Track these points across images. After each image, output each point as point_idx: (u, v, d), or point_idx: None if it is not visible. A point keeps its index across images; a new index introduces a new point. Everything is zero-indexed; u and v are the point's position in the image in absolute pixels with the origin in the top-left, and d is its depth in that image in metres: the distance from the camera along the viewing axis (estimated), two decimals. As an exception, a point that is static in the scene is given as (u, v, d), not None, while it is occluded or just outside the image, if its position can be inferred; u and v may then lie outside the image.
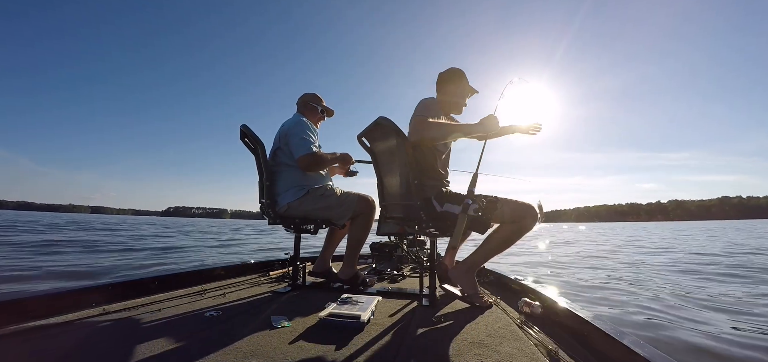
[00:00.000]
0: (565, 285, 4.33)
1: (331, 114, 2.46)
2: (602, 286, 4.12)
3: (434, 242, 1.95)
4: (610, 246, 10.76)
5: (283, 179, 2.13)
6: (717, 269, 5.39)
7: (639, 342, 1.06)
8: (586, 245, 11.79)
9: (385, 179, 2.01)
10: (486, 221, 1.67)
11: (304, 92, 2.38)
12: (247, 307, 1.69)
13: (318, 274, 2.36)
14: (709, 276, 4.77)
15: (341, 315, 1.42)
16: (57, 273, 4.68)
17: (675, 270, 5.36)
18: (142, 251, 7.98)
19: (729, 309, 3.00)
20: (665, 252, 8.47)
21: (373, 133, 1.84)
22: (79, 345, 1.19)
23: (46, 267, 4.96)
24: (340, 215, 2.14)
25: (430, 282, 1.84)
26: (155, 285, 1.93)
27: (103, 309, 1.54)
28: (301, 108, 2.34)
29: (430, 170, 1.85)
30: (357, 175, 2.56)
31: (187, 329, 1.34)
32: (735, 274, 4.89)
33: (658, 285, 4.16)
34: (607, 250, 9.35)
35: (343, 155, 2.32)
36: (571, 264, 6.49)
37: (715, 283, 4.29)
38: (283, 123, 2.24)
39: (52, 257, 6.13)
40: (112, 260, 6.16)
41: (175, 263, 6.39)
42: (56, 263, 5.53)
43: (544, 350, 1.20)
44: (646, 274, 5.01)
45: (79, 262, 5.73)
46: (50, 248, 7.43)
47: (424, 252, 3.06)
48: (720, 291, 3.80)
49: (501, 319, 1.53)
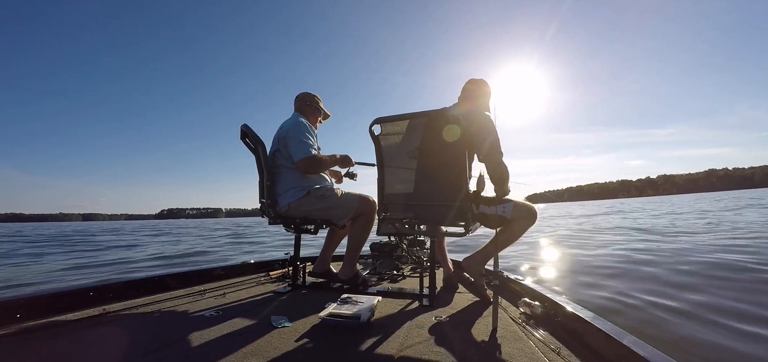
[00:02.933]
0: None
1: (328, 116, 2.45)
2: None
3: (434, 243, 1.95)
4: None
5: (284, 180, 2.12)
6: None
7: (639, 342, 1.06)
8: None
9: (433, 173, 1.87)
10: (501, 219, 1.87)
11: (303, 91, 2.34)
12: (247, 307, 1.69)
13: (318, 274, 2.36)
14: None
15: (341, 315, 1.42)
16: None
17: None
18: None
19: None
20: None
21: (434, 123, 1.76)
22: (79, 345, 1.19)
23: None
24: (340, 216, 2.13)
25: (430, 282, 1.84)
26: (155, 285, 1.93)
27: (103, 309, 1.54)
28: (300, 107, 2.31)
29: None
30: (356, 178, 2.52)
31: (187, 329, 1.34)
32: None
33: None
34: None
35: (342, 157, 2.28)
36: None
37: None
38: (282, 124, 2.22)
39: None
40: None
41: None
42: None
43: (544, 350, 1.20)
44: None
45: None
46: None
47: (424, 252, 3.05)
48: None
49: (501, 319, 1.52)
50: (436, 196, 1.82)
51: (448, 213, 1.79)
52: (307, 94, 2.34)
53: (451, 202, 1.77)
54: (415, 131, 1.83)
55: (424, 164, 1.84)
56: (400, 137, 1.87)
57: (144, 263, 6.69)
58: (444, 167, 1.79)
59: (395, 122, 1.82)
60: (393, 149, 1.90)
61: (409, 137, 1.85)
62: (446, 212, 1.80)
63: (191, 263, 6.73)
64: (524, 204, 1.89)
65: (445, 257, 2.35)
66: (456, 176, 1.76)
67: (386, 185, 1.96)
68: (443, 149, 1.77)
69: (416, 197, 1.87)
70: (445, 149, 1.76)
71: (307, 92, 2.35)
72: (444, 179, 1.80)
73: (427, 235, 1.95)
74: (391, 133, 1.87)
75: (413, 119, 1.79)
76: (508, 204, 1.88)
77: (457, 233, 1.82)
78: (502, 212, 1.86)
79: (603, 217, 15.31)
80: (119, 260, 7.14)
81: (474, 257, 1.98)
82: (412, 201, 1.89)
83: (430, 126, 1.77)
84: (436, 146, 1.78)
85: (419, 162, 1.85)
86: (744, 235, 6.30)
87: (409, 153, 1.84)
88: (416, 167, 1.86)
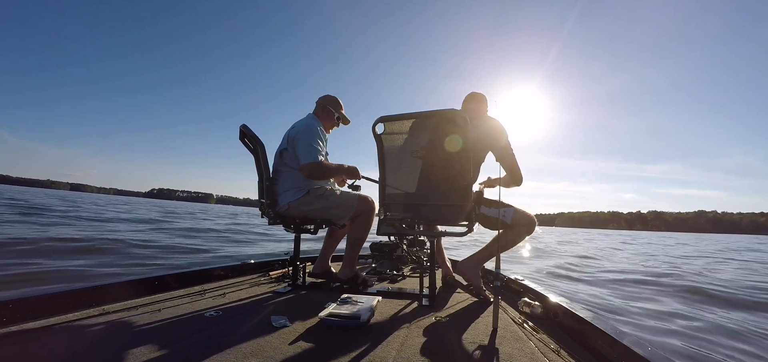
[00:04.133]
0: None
1: (347, 123, 2.40)
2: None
3: (434, 243, 1.95)
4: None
5: (284, 180, 2.12)
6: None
7: (639, 342, 1.06)
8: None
9: (439, 173, 1.85)
10: (502, 223, 1.89)
11: (326, 94, 2.31)
12: (247, 307, 1.69)
13: (318, 274, 2.36)
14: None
15: (341, 315, 1.42)
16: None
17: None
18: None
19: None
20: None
21: (443, 125, 1.76)
22: (80, 345, 1.18)
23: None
24: (340, 215, 2.13)
25: (430, 282, 1.84)
26: (155, 285, 1.93)
27: (103, 309, 1.54)
28: (318, 110, 2.28)
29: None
30: (360, 190, 2.37)
31: (187, 329, 1.34)
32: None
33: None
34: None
35: (350, 168, 2.19)
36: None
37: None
38: (295, 123, 2.19)
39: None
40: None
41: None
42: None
43: (544, 350, 1.20)
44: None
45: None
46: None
47: (424, 252, 3.06)
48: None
49: (501, 319, 1.52)
50: (440, 196, 1.81)
51: (452, 213, 1.79)
52: (328, 97, 2.30)
53: (455, 202, 1.77)
54: (421, 131, 1.81)
55: (430, 164, 1.82)
56: (404, 137, 1.86)
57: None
58: (451, 167, 1.78)
59: (399, 121, 1.80)
60: (396, 149, 1.89)
61: (413, 136, 1.84)
62: (450, 212, 1.79)
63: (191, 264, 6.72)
64: (524, 213, 1.92)
65: (444, 257, 2.36)
66: (462, 177, 1.75)
67: (388, 184, 1.96)
68: (452, 150, 1.76)
69: (418, 197, 1.86)
70: (454, 150, 1.75)
71: (329, 95, 2.31)
72: (450, 179, 1.79)
73: (428, 235, 1.95)
74: (394, 132, 1.86)
75: (418, 119, 1.78)
76: (509, 209, 1.90)
77: (458, 233, 1.81)
78: (503, 216, 1.88)
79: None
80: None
81: (470, 261, 2.00)
82: (414, 201, 1.88)
83: (439, 127, 1.76)
84: (444, 147, 1.77)
85: (424, 162, 1.82)
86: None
87: (412, 153, 1.83)
88: (421, 167, 1.84)
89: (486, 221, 1.94)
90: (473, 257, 2.01)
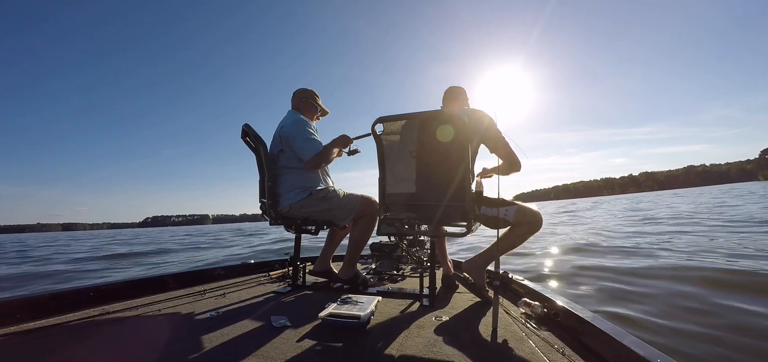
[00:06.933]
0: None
1: (326, 114, 2.42)
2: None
3: (434, 243, 1.95)
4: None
5: (286, 181, 2.11)
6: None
7: (639, 342, 1.06)
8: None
9: (434, 173, 1.86)
10: (504, 222, 1.86)
11: (301, 87, 2.29)
12: (247, 307, 1.69)
13: (318, 274, 2.36)
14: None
15: (341, 315, 1.42)
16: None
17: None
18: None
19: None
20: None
21: (438, 122, 1.76)
22: (80, 345, 1.18)
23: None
24: (342, 217, 2.13)
25: (431, 282, 1.84)
26: (155, 286, 1.93)
27: (103, 309, 1.54)
28: (297, 104, 2.26)
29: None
30: (359, 153, 2.36)
31: (187, 329, 1.34)
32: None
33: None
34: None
35: (341, 138, 2.19)
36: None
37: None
38: (281, 123, 2.20)
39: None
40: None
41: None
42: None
43: (544, 350, 1.20)
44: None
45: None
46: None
47: (424, 252, 3.05)
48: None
49: (502, 319, 1.52)
50: (438, 196, 1.81)
51: (449, 213, 1.78)
52: (304, 90, 2.29)
53: (453, 202, 1.77)
54: (414, 131, 1.81)
55: (424, 163, 1.83)
56: (400, 137, 1.86)
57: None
58: (444, 166, 1.78)
59: (397, 121, 1.81)
60: (395, 149, 1.89)
61: (408, 136, 1.84)
62: (448, 212, 1.79)
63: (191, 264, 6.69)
64: (529, 209, 1.87)
65: (445, 257, 2.35)
66: (457, 176, 1.75)
67: (388, 184, 1.96)
68: (443, 149, 1.76)
69: (418, 197, 1.86)
70: (445, 149, 1.76)
71: (304, 88, 2.29)
72: (445, 179, 1.79)
73: (428, 235, 1.95)
74: (393, 132, 1.86)
75: (412, 119, 1.78)
76: (511, 207, 1.86)
77: (458, 234, 1.81)
78: (505, 215, 1.85)
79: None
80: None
81: (475, 260, 1.98)
82: (414, 201, 1.88)
83: (428, 126, 1.76)
84: (436, 146, 1.77)
85: (418, 162, 1.83)
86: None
87: (410, 153, 1.84)
88: (416, 167, 1.84)
89: (487, 221, 1.91)
90: (479, 256, 2.00)
